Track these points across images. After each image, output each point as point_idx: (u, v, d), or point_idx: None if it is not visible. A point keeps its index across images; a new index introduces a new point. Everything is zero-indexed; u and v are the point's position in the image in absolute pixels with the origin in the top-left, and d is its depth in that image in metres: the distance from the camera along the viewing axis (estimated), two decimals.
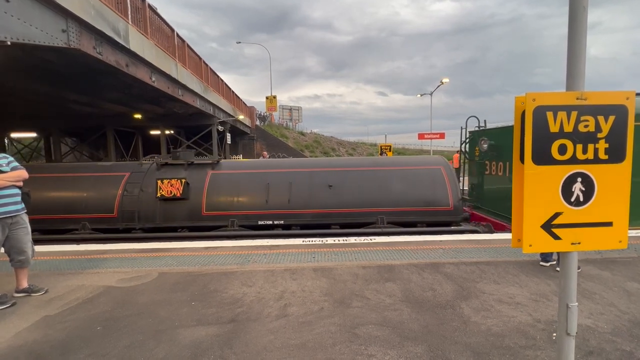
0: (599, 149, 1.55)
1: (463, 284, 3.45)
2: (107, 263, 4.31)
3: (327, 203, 6.49)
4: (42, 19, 6.19)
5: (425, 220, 6.45)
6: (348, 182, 6.69)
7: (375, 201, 6.45)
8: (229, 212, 6.45)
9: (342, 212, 6.45)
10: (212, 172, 6.84)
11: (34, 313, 3.05)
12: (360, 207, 6.43)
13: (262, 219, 6.43)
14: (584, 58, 1.53)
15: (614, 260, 4.04)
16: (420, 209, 6.44)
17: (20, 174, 3.34)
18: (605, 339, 2.45)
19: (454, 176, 6.74)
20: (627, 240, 1.62)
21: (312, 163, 7.87)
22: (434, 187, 6.57)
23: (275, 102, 34.10)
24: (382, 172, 6.87)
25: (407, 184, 6.65)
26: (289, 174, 6.86)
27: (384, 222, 6.30)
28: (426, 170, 6.88)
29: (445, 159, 7.33)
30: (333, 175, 6.78)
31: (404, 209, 6.42)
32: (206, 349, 2.42)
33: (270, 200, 6.45)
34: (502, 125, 7.52)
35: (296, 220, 6.47)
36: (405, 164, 7.36)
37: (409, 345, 2.42)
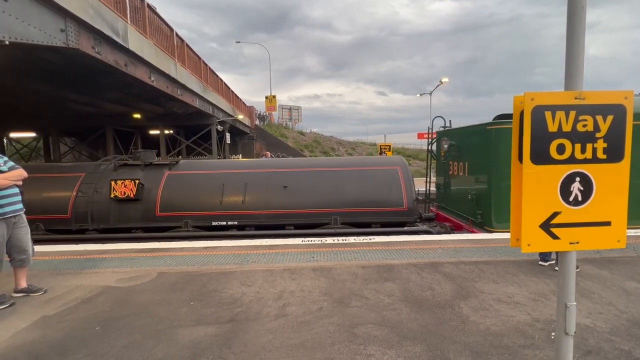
0: (597, 149, 1.55)
1: (462, 284, 3.45)
2: (106, 263, 4.31)
3: (282, 204, 6.50)
4: (41, 18, 6.18)
5: (379, 221, 6.47)
6: (304, 183, 6.71)
7: (330, 202, 6.47)
8: (183, 212, 6.44)
9: (296, 212, 6.45)
10: (169, 172, 6.85)
11: (32, 313, 3.04)
12: (314, 207, 6.45)
13: (216, 220, 6.43)
14: (583, 58, 1.53)
15: (613, 260, 4.04)
16: (375, 209, 6.45)
17: (21, 173, 3.34)
18: (604, 339, 2.45)
19: (409, 177, 6.75)
20: (625, 240, 1.62)
21: (269, 164, 7.87)
22: (389, 188, 6.59)
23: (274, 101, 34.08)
24: (338, 173, 6.88)
25: (362, 184, 6.66)
26: (245, 174, 6.86)
27: (338, 223, 6.32)
28: (382, 171, 6.88)
29: (404, 160, 7.33)
30: (289, 176, 6.79)
31: (358, 209, 6.44)
32: (205, 349, 2.42)
33: (224, 201, 6.46)
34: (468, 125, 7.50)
35: (250, 221, 6.48)
36: (362, 164, 7.37)
37: (408, 344, 2.42)
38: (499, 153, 5.88)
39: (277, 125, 37.25)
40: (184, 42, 13.54)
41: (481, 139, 6.34)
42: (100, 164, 7.07)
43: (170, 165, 7.04)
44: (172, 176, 6.80)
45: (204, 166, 7.52)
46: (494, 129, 5.92)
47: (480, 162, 6.39)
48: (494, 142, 5.91)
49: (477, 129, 6.53)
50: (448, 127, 8.03)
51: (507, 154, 5.84)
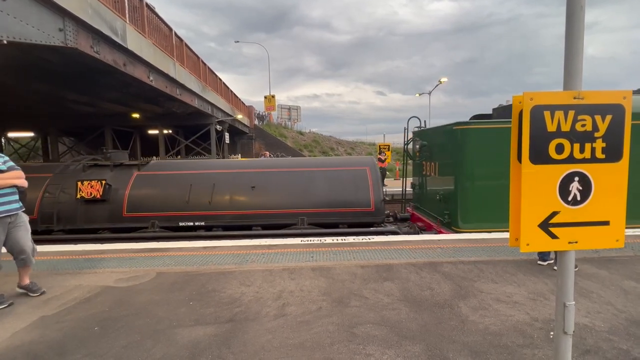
0: (596, 148, 1.55)
1: (461, 283, 3.45)
2: (105, 263, 4.30)
3: (250, 204, 6.51)
4: (39, 17, 6.16)
5: (347, 221, 6.47)
6: (272, 184, 6.72)
7: (298, 202, 6.48)
8: (150, 213, 6.43)
9: (263, 213, 6.46)
10: (138, 173, 6.83)
11: (31, 313, 3.03)
12: (282, 208, 6.46)
13: (183, 221, 6.43)
14: (581, 57, 1.53)
15: (611, 259, 4.05)
16: (342, 210, 6.46)
17: (19, 174, 3.33)
18: (602, 338, 2.46)
19: (378, 177, 6.73)
20: (624, 239, 1.62)
21: (238, 164, 7.87)
22: (356, 188, 6.59)
23: (273, 101, 34.03)
24: (306, 174, 6.89)
25: (330, 185, 6.66)
26: (213, 175, 6.85)
27: (305, 224, 6.33)
28: (351, 171, 6.89)
29: (374, 160, 7.30)
30: (257, 177, 6.78)
31: (326, 210, 6.44)
32: (204, 349, 2.42)
33: (192, 202, 6.45)
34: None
35: (217, 221, 6.47)
36: (331, 165, 7.37)
37: (407, 344, 2.43)
38: (464, 153, 5.87)
39: (276, 125, 37.20)
40: (183, 42, 13.51)
41: (448, 139, 6.34)
42: (69, 165, 7.05)
43: (140, 165, 7.02)
44: (140, 177, 6.78)
45: (173, 167, 7.50)
46: (459, 129, 5.90)
47: (447, 162, 6.40)
48: (460, 143, 5.90)
49: (445, 129, 6.54)
50: (423, 127, 8.04)
51: (473, 154, 5.83)
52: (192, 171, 7.04)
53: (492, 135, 5.81)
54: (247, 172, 6.92)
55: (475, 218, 5.89)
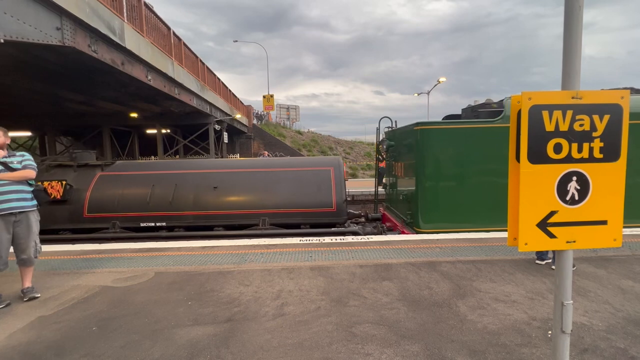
0: (594, 148, 1.56)
1: (459, 283, 3.46)
2: (103, 263, 4.28)
3: (212, 205, 6.49)
4: (36, 16, 6.13)
5: (309, 222, 6.48)
6: (234, 184, 6.71)
7: (260, 203, 6.49)
8: (111, 214, 6.39)
9: (225, 213, 6.44)
10: (101, 173, 6.82)
11: (28, 313, 3.02)
12: (244, 208, 6.46)
13: (144, 221, 6.42)
14: (580, 57, 1.53)
15: (609, 258, 4.07)
16: (303, 210, 6.46)
17: (24, 174, 3.30)
18: (600, 337, 2.47)
19: (341, 178, 6.74)
20: (621, 239, 1.63)
21: (201, 165, 7.83)
22: (319, 189, 6.60)
23: (272, 101, 33.99)
24: (269, 174, 6.90)
25: (293, 185, 6.67)
26: (175, 175, 6.83)
27: (266, 224, 6.34)
28: (315, 172, 6.90)
29: (340, 160, 7.29)
30: (220, 177, 6.77)
31: (287, 210, 6.44)
32: (203, 349, 2.42)
33: (153, 202, 6.42)
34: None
35: (179, 222, 6.46)
36: (296, 165, 7.37)
37: (406, 343, 2.43)
38: (424, 154, 5.85)
39: (275, 125, 37.16)
40: (181, 41, 13.48)
41: (410, 139, 6.31)
42: None
43: (104, 166, 6.99)
44: (103, 177, 6.76)
45: (137, 167, 7.48)
46: (419, 129, 5.89)
47: (410, 162, 6.40)
48: (420, 143, 5.89)
49: (407, 129, 6.53)
50: (393, 127, 8.05)
51: (432, 154, 5.83)
52: (155, 172, 7.00)
53: (451, 136, 5.81)
54: (209, 173, 6.90)
55: (436, 218, 5.87)
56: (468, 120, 6.01)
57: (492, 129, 5.70)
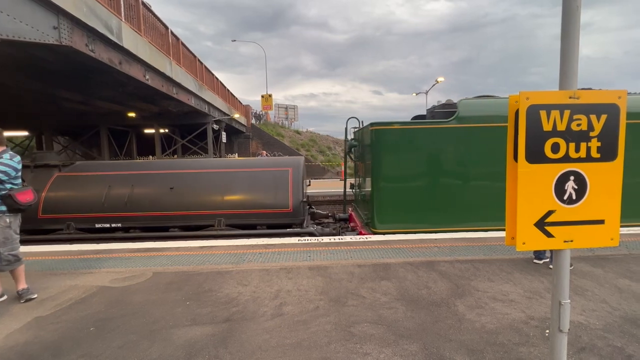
0: (591, 148, 1.56)
1: (458, 282, 3.47)
2: (101, 263, 4.27)
3: (168, 205, 6.47)
4: (33, 15, 6.10)
5: (265, 222, 6.49)
6: (191, 185, 6.70)
7: (216, 203, 6.48)
8: (66, 215, 6.35)
9: (181, 214, 6.43)
10: (59, 174, 6.78)
11: (25, 314, 3.01)
12: (200, 209, 6.45)
13: (99, 222, 6.39)
14: (577, 57, 1.54)
15: (606, 258, 4.09)
16: (259, 211, 6.47)
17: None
18: (597, 335, 2.48)
19: (300, 178, 6.73)
20: (618, 238, 1.64)
21: (159, 165, 7.82)
22: (275, 189, 6.61)
23: (270, 100, 33.94)
24: (226, 175, 6.89)
25: (249, 186, 6.68)
26: (132, 176, 6.82)
27: (222, 225, 6.33)
28: (273, 172, 6.90)
29: (300, 161, 7.25)
30: (177, 178, 6.76)
31: (243, 211, 6.45)
32: (201, 349, 2.41)
33: (108, 203, 6.40)
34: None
35: (134, 223, 6.45)
36: (254, 165, 7.36)
37: (404, 343, 2.43)
38: (379, 154, 5.84)
39: (273, 124, 37.13)
40: (179, 41, 13.44)
41: (368, 140, 6.30)
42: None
43: (62, 166, 6.95)
44: (60, 178, 6.72)
45: (95, 168, 7.45)
46: (374, 129, 5.87)
47: (368, 163, 6.39)
48: (375, 143, 5.87)
49: (365, 129, 6.52)
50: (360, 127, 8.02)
51: (387, 155, 5.82)
52: (113, 172, 6.98)
53: (405, 136, 5.80)
54: (166, 173, 6.89)
55: (391, 219, 5.87)
56: (421, 121, 6.01)
57: (445, 129, 5.71)
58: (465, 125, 5.68)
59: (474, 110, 5.75)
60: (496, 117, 5.67)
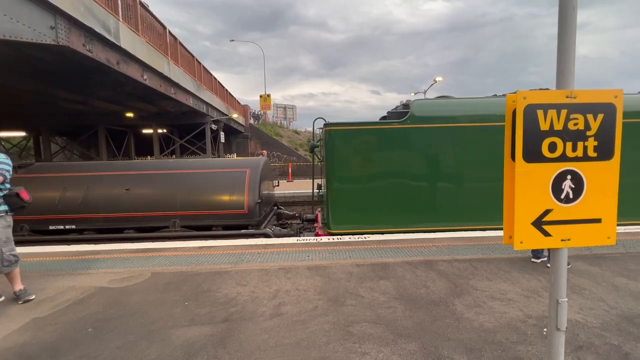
0: (588, 147, 1.57)
1: (456, 281, 3.48)
2: (99, 263, 4.26)
3: (123, 207, 6.45)
4: (30, 15, 6.07)
5: (220, 224, 6.48)
6: (147, 186, 6.70)
7: (171, 205, 6.47)
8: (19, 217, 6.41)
9: (136, 215, 6.42)
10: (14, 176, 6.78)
11: (23, 315, 3.00)
12: (155, 210, 6.44)
13: (54, 224, 6.37)
14: (574, 57, 1.54)
15: (603, 256, 4.11)
16: (215, 212, 6.47)
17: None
18: (595, 334, 2.49)
19: (257, 179, 6.72)
20: (615, 237, 1.64)
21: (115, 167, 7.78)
22: (232, 191, 6.60)
23: (269, 100, 33.91)
24: (182, 176, 6.88)
25: (205, 187, 6.67)
26: (88, 177, 6.79)
27: (177, 226, 6.33)
28: (229, 174, 6.89)
29: (260, 162, 7.22)
30: (133, 179, 6.75)
31: (199, 212, 6.44)
32: (199, 349, 2.41)
33: (62, 205, 6.37)
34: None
35: (89, 224, 6.42)
36: (212, 166, 7.35)
37: (403, 342, 2.44)
38: (333, 154, 5.81)
39: (271, 124, 37.11)
40: (177, 40, 13.41)
41: (325, 140, 6.27)
42: None
43: (18, 168, 6.91)
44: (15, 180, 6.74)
45: (52, 169, 7.39)
46: (328, 130, 5.84)
47: (325, 163, 6.38)
48: (330, 144, 5.84)
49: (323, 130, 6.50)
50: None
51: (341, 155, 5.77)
52: (69, 174, 6.94)
53: (358, 137, 5.77)
54: (123, 175, 6.87)
55: (345, 220, 5.85)
56: (374, 122, 5.99)
57: (397, 129, 5.69)
58: (417, 126, 5.66)
59: (426, 111, 5.73)
60: (448, 118, 5.67)
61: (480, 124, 5.63)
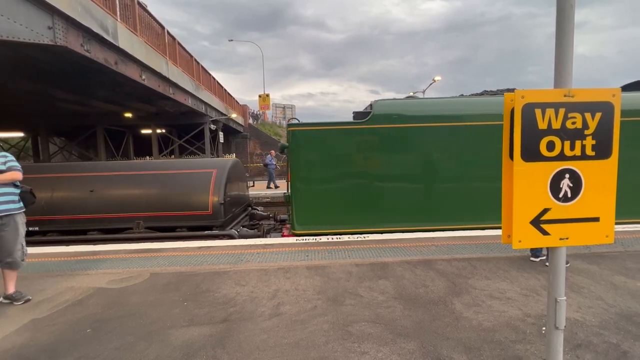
0: (586, 146, 1.57)
1: (455, 280, 3.48)
2: (98, 264, 4.25)
3: (87, 208, 6.39)
4: (27, 15, 6.05)
5: (184, 225, 6.46)
6: (111, 187, 6.67)
7: (135, 206, 6.44)
8: None
9: (100, 217, 6.39)
10: None
11: (22, 316, 2.99)
12: (119, 212, 6.41)
13: None
14: (572, 56, 1.54)
15: (602, 255, 4.12)
16: (179, 213, 6.44)
17: (12, 176, 3.24)
18: (593, 332, 2.49)
19: (222, 180, 6.69)
20: (613, 235, 1.65)
21: (80, 168, 7.72)
22: (196, 191, 6.58)
23: (268, 100, 33.86)
24: (147, 177, 6.87)
25: (171, 188, 6.64)
26: (52, 179, 6.74)
27: (141, 227, 6.31)
28: (194, 174, 6.87)
29: (228, 163, 7.17)
30: (98, 180, 6.71)
31: (163, 213, 6.41)
32: (198, 350, 2.40)
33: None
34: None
35: (53, 226, 6.37)
36: (179, 167, 7.32)
37: (402, 341, 2.44)
38: (296, 155, 5.80)
39: (270, 124, 37.08)
40: (175, 40, 13.38)
41: (289, 141, 6.24)
42: None
43: None
44: None
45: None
46: (291, 130, 5.83)
47: (289, 164, 6.34)
48: (292, 144, 5.82)
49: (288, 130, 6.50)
50: None
51: (303, 156, 5.76)
52: (33, 175, 6.82)
53: (320, 137, 5.76)
54: (87, 176, 6.84)
55: (310, 221, 5.84)
56: (336, 122, 5.99)
57: (359, 130, 5.67)
58: (379, 126, 5.65)
59: (388, 111, 5.72)
60: (410, 117, 5.66)
61: (442, 124, 5.63)
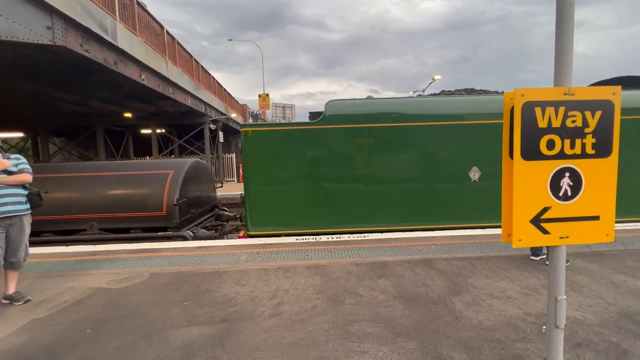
0: (586, 144, 1.57)
1: (455, 279, 3.48)
2: (98, 264, 4.24)
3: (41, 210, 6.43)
4: (26, 15, 6.04)
5: (139, 226, 6.44)
6: (65, 189, 6.63)
7: (89, 207, 6.44)
8: None
9: (53, 219, 6.37)
10: None
11: (21, 316, 2.98)
12: (73, 213, 6.40)
13: None
14: (572, 54, 1.54)
15: (602, 254, 4.11)
16: (133, 214, 6.42)
17: (22, 178, 3.29)
18: (593, 331, 2.49)
19: (178, 181, 6.66)
20: (614, 234, 1.64)
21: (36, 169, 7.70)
22: (152, 193, 6.56)
23: (268, 100, 33.80)
24: (101, 178, 6.85)
25: (125, 189, 6.64)
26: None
27: (95, 229, 6.30)
28: (150, 175, 6.85)
29: (186, 164, 7.11)
30: (52, 182, 6.66)
31: (117, 215, 6.40)
32: (198, 350, 2.40)
33: None
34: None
35: None
36: (135, 168, 7.30)
37: (402, 341, 2.43)
38: (248, 156, 5.76)
39: None
40: (175, 40, 13.37)
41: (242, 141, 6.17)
42: None
43: None
44: None
45: None
46: (243, 131, 5.79)
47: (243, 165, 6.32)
48: (245, 145, 5.79)
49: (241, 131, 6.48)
50: None
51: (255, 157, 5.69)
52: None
53: (272, 138, 5.73)
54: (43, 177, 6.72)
55: (263, 222, 5.82)
56: (288, 123, 6.06)
57: (311, 130, 5.65)
58: (330, 127, 5.63)
59: (340, 111, 5.69)
60: (361, 117, 5.64)
61: (395, 124, 5.62)
